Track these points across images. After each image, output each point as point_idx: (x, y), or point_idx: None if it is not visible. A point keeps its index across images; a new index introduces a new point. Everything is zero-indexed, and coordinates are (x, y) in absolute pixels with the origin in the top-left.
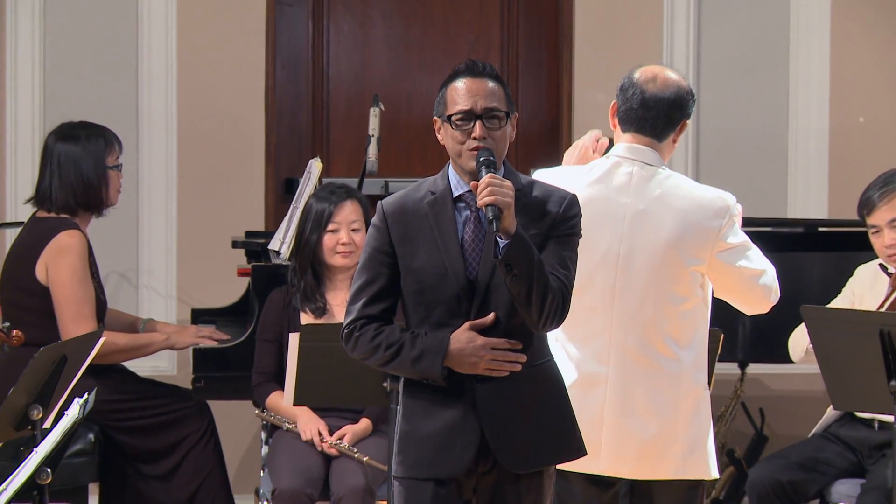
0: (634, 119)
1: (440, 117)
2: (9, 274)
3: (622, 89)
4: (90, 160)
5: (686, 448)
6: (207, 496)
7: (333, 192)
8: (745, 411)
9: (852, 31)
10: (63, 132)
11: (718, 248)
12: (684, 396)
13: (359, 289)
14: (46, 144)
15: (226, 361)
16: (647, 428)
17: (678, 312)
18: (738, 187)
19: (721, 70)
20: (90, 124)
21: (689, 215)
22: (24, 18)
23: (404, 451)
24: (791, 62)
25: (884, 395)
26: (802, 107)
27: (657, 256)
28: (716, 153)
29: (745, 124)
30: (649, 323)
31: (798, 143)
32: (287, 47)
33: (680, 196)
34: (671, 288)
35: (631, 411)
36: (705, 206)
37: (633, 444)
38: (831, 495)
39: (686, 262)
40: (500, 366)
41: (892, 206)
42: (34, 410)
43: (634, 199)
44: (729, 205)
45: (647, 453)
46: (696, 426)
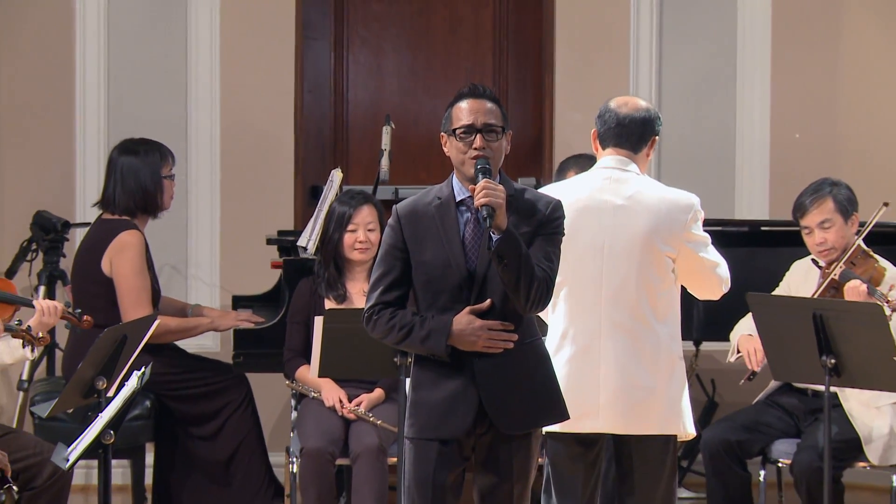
0: (613, 136)
1: (446, 132)
2: (78, 267)
3: (600, 116)
4: (148, 171)
5: (666, 407)
6: (246, 454)
7: (353, 198)
8: (699, 382)
9: (789, 62)
10: (125, 147)
11: (686, 238)
12: (664, 364)
13: (377, 279)
14: (111, 157)
15: (261, 340)
16: (635, 391)
17: (656, 292)
18: (692, 191)
19: (679, 93)
20: (148, 140)
21: (661, 209)
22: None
23: (414, 416)
24: (738, 87)
25: (816, 368)
26: (747, 124)
27: (636, 244)
28: (674, 163)
29: (698, 139)
30: (632, 300)
31: (743, 155)
32: (312, 75)
33: (652, 195)
34: (649, 270)
35: (622, 377)
36: (674, 202)
37: (625, 404)
38: (772, 453)
39: (661, 248)
40: (496, 344)
41: (821, 210)
42: (99, 381)
43: (613, 196)
44: (694, 203)
45: (637, 412)
46: (675, 389)
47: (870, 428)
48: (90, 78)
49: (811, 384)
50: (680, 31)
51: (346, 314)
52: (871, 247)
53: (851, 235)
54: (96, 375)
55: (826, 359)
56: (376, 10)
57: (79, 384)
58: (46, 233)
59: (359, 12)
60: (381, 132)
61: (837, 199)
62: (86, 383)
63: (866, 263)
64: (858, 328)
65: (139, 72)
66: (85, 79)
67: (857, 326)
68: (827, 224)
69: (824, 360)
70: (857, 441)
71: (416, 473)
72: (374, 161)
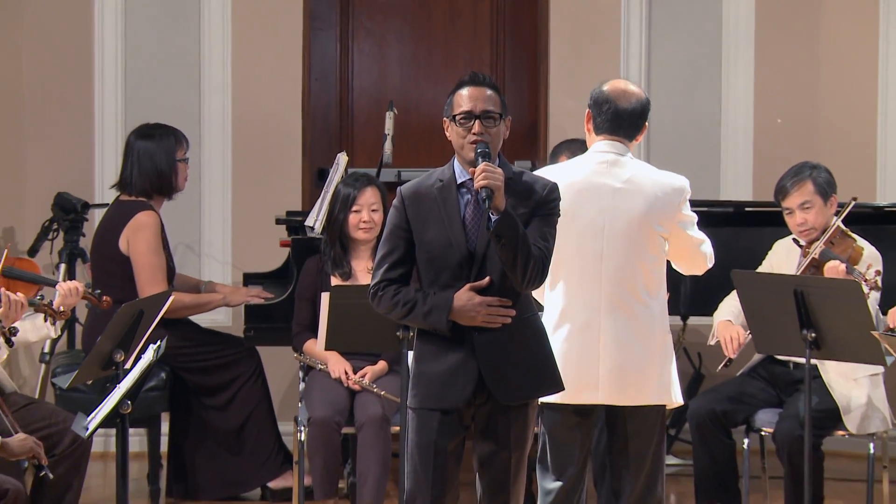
0: (610, 126)
1: (448, 118)
2: (97, 246)
3: (596, 102)
4: (163, 154)
5: (659, 378)
6: (256, 423)
7: (357, 180)
8: (686, 355)
9: (772, 51)
10: (141, 131)
11: (678, 219)
12: (657, 338)
13: (382, 257)
14: (128, 141)
15: (271, 315)
16: (632, 364)
17: (650, 269)
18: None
19: (667, 81)
20: (163, 125)
21: (656, 193)
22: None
23: (417, 387)
24: (723, 75)
25: (797, 342)
26: (732, 110)
27: (634, 225)
28: (663, 147)
29: (685, 124)
30: (629, 278)
31: (728, 140)
32: (319, 63)
33: (647, 178)
34: (645, 249)
35: (620, 352)
36: (668, 185)
37: (622, 377)
38: (755, 422)
39: (656, 228)
40: (494, 319)
41: (801, 192)
42: (117, 354)
43: (612, 180)
44: (685, 185)
45: (633, 384)
46: (666, 361)
47: (848, 398)
48: (108, 67)
49: (792, 357)
50: (668, 22)
51: (351, 290)
52: (851, 227)
53: (830, 216)
54: (114, 348)
55: (806, 333)
56: (380, 2)
57: (98, 357)
58: (67, 213)
59: (363, 4)
60: (385, 117)
61: (817, 181)
62: (104, 356)
63: (845, 243)
64: (837, 304)
65: (154, 61)
66: (103, 68)
67: (836, 302)
68: (807, 205)
69: (805, 334)
70: (836, 411)
71: (419, 441)
72: (378, 145)
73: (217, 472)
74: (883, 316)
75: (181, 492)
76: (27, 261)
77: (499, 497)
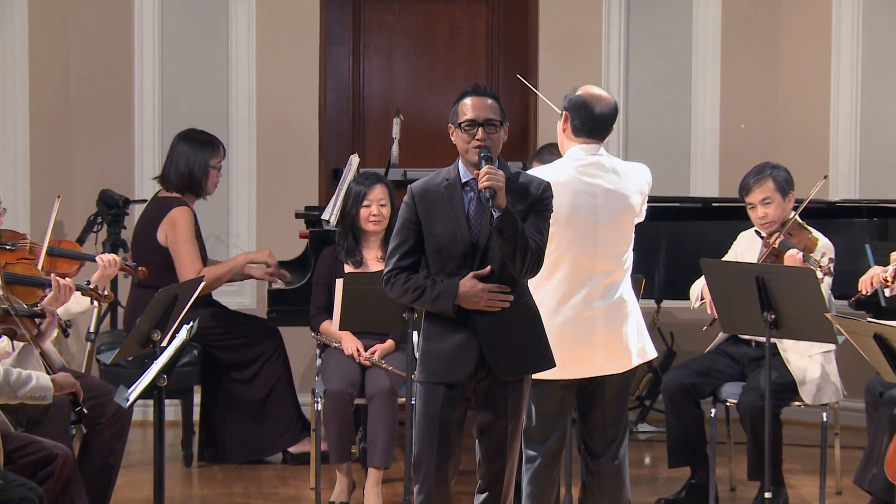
0: (587, 130)
1: (453, 124)
2: (138, 237)
3: (575, 108)
4: (199, 159)
5: (638, 344)
6: (278, 395)
7: (367, 178)
8: (660, 334)
9: (736, 63)
10: (186, 135)
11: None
12: (632, 313)
13: (394, 248)
14: (173, 142)
15: (291, 299)
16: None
17: (629, 254)
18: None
19: (642, 89)
20: (207, 133)
21: (636, 186)
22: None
23: (424, 363)
24: (693, 84)
25: (759, 322)
26: (700, 115)
27: (622, 219)
28: (638, 147)
29: (659, 127)
30: (618, 267)
31: (697, 142)
32: (334, 75)
33: (626, 174)
34: (628, 238)
35: (611, 329)
36: (641, 177)
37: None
38: (721, 394)
39: (636, 219)
40: (495, 303)
41: (763, 189)
42: (155, 333)
43: (601, 181)
44: (649, 175)
45: (622, 354)
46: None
47: (804, 373)
48: (146, 79)
49: (754, 336)
50: (643, 38)
51: (362, 277)
52: (807, 220)
53: (789, 211)
54: (152, 328)
55: (767, 315)
56: (388, 21)
57: (137, 336)
58: (109, 208)
59: (373, 23)
60: (392, 123)
61: (777, 179)
62: (143, 335)
63: (802, 234)
64: (795, 289)
65: (187, 73)
66: (142, 79)
67: (793, 288)
68: (768, 201)
69: (765, 316)
70: (793, 384)
71: (426, 411)
72: (386, 147)
73: (243, 438)
74: (835, 299)
75: (211, 456)
76: (68, 241)
77: (496, 461)
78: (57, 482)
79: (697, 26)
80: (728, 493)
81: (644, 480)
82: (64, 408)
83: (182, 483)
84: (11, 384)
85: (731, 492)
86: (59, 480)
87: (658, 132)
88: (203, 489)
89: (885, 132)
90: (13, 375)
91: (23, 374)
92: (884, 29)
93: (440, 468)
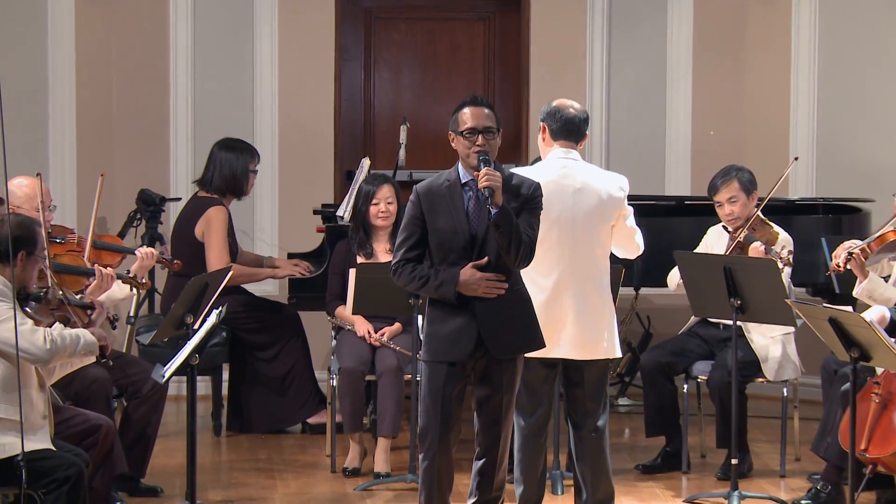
0: (563, 133)
1: (454, 132)
2: (176, 231)
3: (550, 115)
4: (240, 165)
5: (607, 338)
6: (298, 372)
7: (376, 179)
8: (638, 318)
9: (705, 77)
10: (225, 143)
11: (623, 211)
12: (605, 307)
13: (401, 242)
14: (213, 150)
15: (309, 286)
16: (589, 325)
17: (604, 252)
18: (633, 174)
19: (623, 99)
20: (243, 141)
21: (606, 190)
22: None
23: (429, 344)
24: (667, 95)
25: (726, 307)
26: (674, 123)
27: (592, 217)
28: (619, 151)
29: (637, 133)
30: (589, 260)
31: (671, 146)
32: (348, 87)
33: (599, 178)
34: (600, 236)
35: (581, 317)
36: (614, 184)
37: (582, 337)
38: (693, 371)
39: (607, 219)
40: (491, 291)
41: (729, 189)
42: (188, 317)
43: (573, 181)
44: (625, 183)
45: (590, 342)
46: (612, 324)
47: (766, 352)
48: (180, 89)
49: (722, 319)
50: (623, 54)
51: (373, 267)
52: (769, 216)
53: (752, 208)
54: (185, 313)
55: (733, 300)
56: (395, 39)
57: (172, 319)
58: (148, 205)
59: (382, 40)
60: (399, 130)
61: (741, 180)
62: (178, 319)
63: (764, 229)
64: (758, 278)
65: (218, 84)
66: (177, 90)
67: (757, 277)
68: (734, 199)
69: (732, 302)
70: (757, 362)
71: (430, 386)
72: (394, 152)
73: (266, 410)
74: (794, 287)
75: (238, 426)
76: (110, 235)
77: (492, 430)
78: (100, 450)
79: (671, 43)
80: (699, 460)
81: (624, 448)
82: (106, 383)
83: (212, 450)
84: (68, 344)
85: (702, 458)
86: (102, 448)
87: (636, 137)
88: (231, 456)
89: (838, 138)
90: (67, 339)
91: (72, 335)
92: (838, 46)
93: (443, 437)
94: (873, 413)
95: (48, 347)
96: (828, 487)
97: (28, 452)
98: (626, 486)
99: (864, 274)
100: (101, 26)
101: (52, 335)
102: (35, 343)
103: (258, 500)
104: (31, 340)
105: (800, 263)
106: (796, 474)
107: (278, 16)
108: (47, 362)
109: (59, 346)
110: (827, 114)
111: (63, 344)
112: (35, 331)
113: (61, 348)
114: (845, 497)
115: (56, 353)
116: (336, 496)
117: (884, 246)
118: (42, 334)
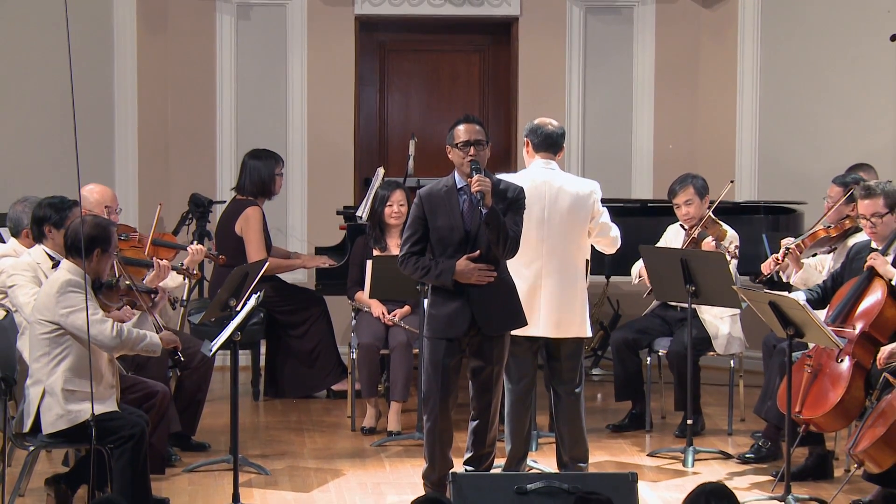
0: (543, 146)
1: (450, 145)
2: (219, 229)
3: (532, 131)
4: (267, 170)
5: (580, 319)
6: (323, 347)
7: (389, 185)
8: (609, 301)
9: (666, 99)
10: (253, 153)
11: (597, 212)
12: (579, 293)
13: (407, 238)
14: (244, 159)
15: (333, 275)
16: (563, 308)
17: (579, 247)
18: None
19: (596, 118)
20: (268, 150)
21: (579, 194)
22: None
23: (430, 324)
24: (633, 114)
25: (682, 292)
26: (639, 138)
27: (566, 218)
28: (593, 160)
29: (608, 146)
30: (564, 254)
31: (636, 157)
32: (365, 108)
33: (573, 184)
34: (575, 234)
35: (557, 300)
36: (585, 188)
37: (557, 317)
38: (655, 346)
39: (582, 220)
40: (483, 278)
41: (685, 193)
42: (231, 301)
43: (551, 186)
44: (595, 188)
45: (564, 322)
46: (584, 309)
47: (716, 330)
48: (226, 110)
49: (679, 303)
50: (597, 80)
51: (387, 259)
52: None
53: (705, 209)
54: (229, 297)
55: (689, 287)
56: (406, 68)
57: (218, 302)
58: (198, 207)
59: (395, 69)
60: (409, 144)
61: (696, 186)
62: (223, 302)
63: (714, 227)
64: (709, 268)
65: (256, 105)
66: (223, 110)
67: (708, 267)
68: (689, 202)
69: (688, 288)
70: (708, 339)
71: (431, 359)
72: (404, 162)
73: (297, 379)
74: (740, 275)
75: (273, 392)
76: (167, 233)
77: (485, 396)
78: (157, 412)
79: (636, 72)
80: (660, 421)
81: (597, 411)
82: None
83: (251, 413)
84: (132, 341)
85: (662, 419)
86: (158, 411)
87: (607, 149)
88: (267, 417)
89: (777, 150)
90: (133, 334)
91: (139, 334)
92: (776, 75)
93: (443, 402)
94: (806, 381)
95: (114, 336)
96: (768, 443)
97: (98, 415)
98: (599, 442)
99: (800, 265)
100: (158, 55)
101: (120, 328)
102: (103, 332)
103: (290, 454)
104: (99, 329)
105: (744, 256)
106: (741, 433)
107: (307, 49)
108: (112, 350)
109: (124, 338)
110: (767, 130)
111: (129, 338)
112: (104, 321)
113: (126, 341)
114: (782, 451)
115: (121, 346)
116: (356, 451)
117: (815, 242)
118: (110, 325)
